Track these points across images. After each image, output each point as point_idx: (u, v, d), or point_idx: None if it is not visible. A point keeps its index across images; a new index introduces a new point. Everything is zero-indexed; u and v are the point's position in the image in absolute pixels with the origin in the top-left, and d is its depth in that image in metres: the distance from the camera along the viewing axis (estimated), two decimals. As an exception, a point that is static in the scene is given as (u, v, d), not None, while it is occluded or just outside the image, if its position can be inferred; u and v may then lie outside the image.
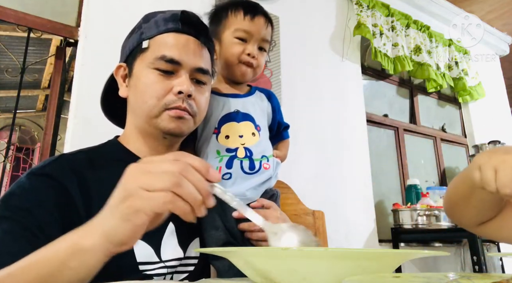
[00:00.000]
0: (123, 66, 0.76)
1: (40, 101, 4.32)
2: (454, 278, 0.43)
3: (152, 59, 0.70)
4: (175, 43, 0.71)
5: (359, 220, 2.24)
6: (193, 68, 0.72)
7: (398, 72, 2.61)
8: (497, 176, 0.55)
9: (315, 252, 0.40)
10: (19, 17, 1.55)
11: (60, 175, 0.64)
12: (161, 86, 0.70)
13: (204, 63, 0.74)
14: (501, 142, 2.91)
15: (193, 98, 0.72)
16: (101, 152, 0.75)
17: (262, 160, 0.83)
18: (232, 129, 0.82)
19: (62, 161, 0.68)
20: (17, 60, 1.97)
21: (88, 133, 1.41)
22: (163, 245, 0.69)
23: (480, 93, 3.23)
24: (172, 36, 0.72)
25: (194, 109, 0.72)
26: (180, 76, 0.71)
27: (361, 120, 2.47)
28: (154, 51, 0.71)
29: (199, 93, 0.74)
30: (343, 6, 2.59)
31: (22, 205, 0.59)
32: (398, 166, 2.79)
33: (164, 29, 0.72)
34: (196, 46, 0.73)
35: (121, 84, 0.76)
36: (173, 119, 0.70)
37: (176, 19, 0.72)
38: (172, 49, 0.70)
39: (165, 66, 0.70)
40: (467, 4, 3.23)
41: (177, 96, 0.70)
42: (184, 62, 0.70)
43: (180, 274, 0.72)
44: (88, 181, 0.65)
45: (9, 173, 4.38)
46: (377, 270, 0.40)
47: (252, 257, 0.43)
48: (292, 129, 1.04)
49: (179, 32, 0.72)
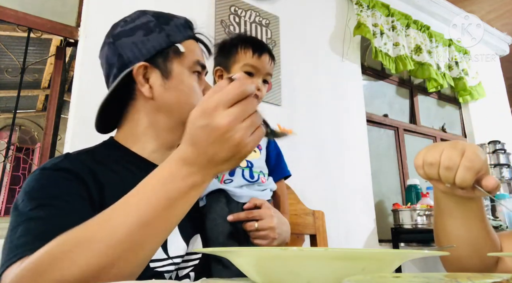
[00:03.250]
0: (147, 66, 0.73)
1: (40, 101, 4.32)
2: (454, 278, 0.43)
3: (192, 63, 0.75)
4: (197, 49, 0.78)
5: (359, 220, 2.24)
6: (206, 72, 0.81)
7: (399, 71, 2.61)
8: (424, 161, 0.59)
9: (315, 252, 0.40)
10: (19, 17, 1.55)
11: (75, 168, 0.63)
12: (200, 90, 0.77)
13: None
14: (501, 142, 2.91)
15: None
16: (100, 152, 0.73)
17: (260, 174, 0.90)
18: None
19: (73, 157, 0.68)
20: (17, 60, 1.97)
21: (88, 133, 1.41)
22: (169, 242, 0.69)
23: (480, 93, 3.23)
24: (193, 43, 0.78)
25: None
26: (203, 79, 0.79)
27: (361, 120, 2.47)
28: (188, 55, 0.75)
29: None
30: (343, 6, 2.59)
31: (50, 193, 0.58)
32: (398, 166, 2.80)
33: (187, 35, 0.77)
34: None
35: (142, 84, 0.73)
36: None
37: (191, 27, 0.79)
38: (199, 56, 0.78)
39: (199, 70, 0.77)
40: (467, 4, 3.23)
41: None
42: (205, 67, 0.79)
43: (184, 269, 0.72)
44: (100, 178, 0.65)
45: (9, 173, 4.38)
46: (377, 270, 0.40)
47: (252, 257, 0.43)
48: (292, 129, 1.04)
49: (194, 39, 0.79)
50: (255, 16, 2.10)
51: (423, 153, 0.60)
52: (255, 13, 2.10)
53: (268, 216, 0.82)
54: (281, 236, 0.84)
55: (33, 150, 4.79)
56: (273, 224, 0.82)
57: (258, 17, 2.11)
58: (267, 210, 0.83)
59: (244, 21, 2.05)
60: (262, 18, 2.12)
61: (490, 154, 2.87)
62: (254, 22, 2.09)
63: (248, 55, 0.97)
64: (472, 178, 0.55)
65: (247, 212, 0.81)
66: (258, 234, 0.80)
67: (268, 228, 0.81)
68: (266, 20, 2.14)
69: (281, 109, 2.06)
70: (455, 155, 0.56)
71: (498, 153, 2.85)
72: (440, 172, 0.57)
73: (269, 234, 0.81)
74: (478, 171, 0.55)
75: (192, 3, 1.89)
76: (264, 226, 0.81)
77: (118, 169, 0.70)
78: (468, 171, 0.55)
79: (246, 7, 2.08)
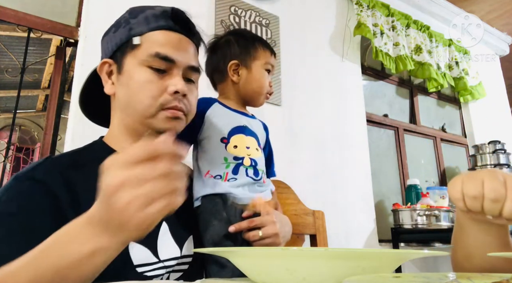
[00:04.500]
0: (109, 62, 0.73)
1: (40, 101, 4.32)
2: (454, 278, 0.43)
3: (145, 56, 0.68)
4: (168, 41, 0.70)
5: (359, 220, 2.24)
6: (186, 66, 0.71)
7: (400, 71, 2.61)
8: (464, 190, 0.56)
9: (315, 252, 0.40)
10: (19, 17, 1.55)
11: (47, 178, 0.62)
12: (156, 86, 0.68)
13: (195, 61, 0.74)
14: (501, 142, 2.91)
15: (187, 97, 0.71)
16: (86, 154, 0.73)
17: (263, 173, 0.88)
18: (240, 140, 0.86)
19: (48, 163, 0.66)
20: (17, 60, 1.97)
21: (88, 133, 1.41)
22: (160, 245, 0.68)
23: (480, 93, 3.23)
24: (164, 33, 0.70)
25: (188, 108, 0.72)
26: (173, 74, 0.69)
27: (361, 120, 2.47)
28: (146, 48, 0.68)
29: (191, 92, 0.73)
30: (343, 6, 2.59)
31: (7, 210, 0.58)
32: (398, 166, 2.80)
33: (155, 26, 0.70)
34: (188, 44, 0.72)
35: (106, 81, 0.73)
36: (169, 119, 0.69)
37: (167, 16, 0.71)
38: (165, 47, 0.69)
39: (158, 64, 0.68)
40: (467, 4, 3.23)
41: (173, 96, 0.69)
42: (178, 60, 0.70)
43: (176, 273, 0.72)
44: (75, 183, 0.64)
45: (9, 173, 4.38)
46: (377, 270, 0.40)
47: (252, 257, 0.43)
48: (292, 129, 1.05)
49: (170, 30, 0.71)
50: (255, 16, 2.10)
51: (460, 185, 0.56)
52: (255, 13, 2.10)
53: (271, 223, 0.79)
54: (284, 238, 0.83)
55: (33, 150, 4.78)
56: (277, 230, 0.79)
57: (258, 17, 2.11)
58: (269, 217, 0.80)
59: (244, 21, 2.05)
60: (262, 18, 2.12)
61: (490, 154, 2.87)
62: (254, 22, 2.09)
63: (268, 53, 0.95)
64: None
65: (248, 221, 0.78)
66: (263, 243, 0.78)
67: (273, 235, 0.78)
68: (266, 20, 2.14)
69: (281, 109, 2.06)
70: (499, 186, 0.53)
71: (498, 153, 2.85)
72: (485, 205, 0.54)
73: (274, 241, 0.79)
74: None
75: (192, 3, 1.89)
76: (268, 233, 0.78)
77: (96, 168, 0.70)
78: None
79: (246, 7, 2.08)
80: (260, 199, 0.82)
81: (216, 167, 0.82)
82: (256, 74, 0.93)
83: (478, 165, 2.90)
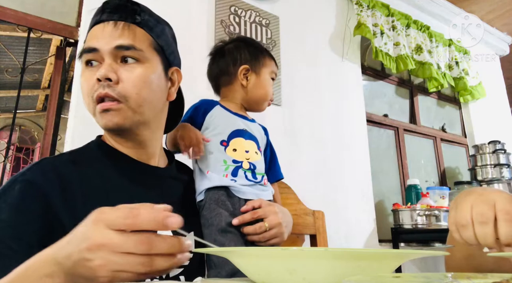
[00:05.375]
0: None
1: (40, 101, 4.32)
2: (454, 278, 0.43)
3: (81, 54, 0.69)
4: (93, 34, 0.70)
5: (359, 220, 2.24)
6: (111, 49, 0.67)
7: (400, 71, 2.60)
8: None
9: (315, 252, 0.40)
10: (19, 17, 1.55)
11: (41, 181, 0.61)
12: (88, 80, 0.68)
13: (124, 40, 0.68)
14: (501, 142, 2.91)
15: (120, 80, 0.67)
16: (84, 152, 0.74)
17: (263, 176, 0.90)
18: (240, 144, 0.88)
19: (43, 165, 0.65)
20: (17, 60, 1.97)
21: (88, 133, 1.41)
22: None
23: (481, 93, 3.23)
24: (93, 29, 0.71)
25: (121, 92, 0.66)
26: (104, 65, 0.67)
27: (361, 120, 2.47)
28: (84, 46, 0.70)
29: (127, 71, 0.67)
30: (343, 6, 2.59)
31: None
32: (398, 166, 2.80)
33: (91, 24, 0.72)
34: (113, 27, 0.68)
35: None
36: (102, 114, 0.67)
37: (98, 11, 0.71)
38: (90, 40, 0.69)
39: (86, 57, 0.69)
40: (467, 4, 3.23)
41: (98, 84, 0.66)
42: (100, 46, 0.67)
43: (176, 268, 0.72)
44: (71, 182, 0.64)
45: (9, 173, 4.38)
46: (377, 270, 0.40)
47: (252, 257, 0.43)
48: (292, 129, 1.05)
49: (99, 23, 0.70)
50: (255, 16, 2.10)
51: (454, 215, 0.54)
52: (255, 13, 2.10)
53: (273, 213, 0.81)
54: (287, 228, 0.85)
55: (33, 150, 4.79)
56: (280, 220, 0.81)
57: (258, 17, 2.11)
58: (270, 207, 0.82)
59: (244, 21, 2.05)
60: (262, 18, 2.12)
61: (490, 154, 2.87)
62: (254, 22, 2.09)
63: (273, 63, 1.00)
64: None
65: (251, 212, 0.80)
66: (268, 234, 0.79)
67: (276, 224, 0.80)
68: (266, 20, 2.14)
69: (281, 109, 2.06)
70: (487, 209, 0.50)
71: (498, 153, 2.85)
72: (476, 231, 0.51)
73: (279, 231, 0.81)
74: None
75: (192, 3, 1.89)
76: (272, 223, 0.80)
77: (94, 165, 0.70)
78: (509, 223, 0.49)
79: (246, 7, 2.08)
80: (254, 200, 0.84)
81: (215, 169, 0.84)
82: (264, 80, 0.96)
83: (478, 165, 2.90)
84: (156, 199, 0.72)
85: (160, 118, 0.77)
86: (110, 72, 0.66)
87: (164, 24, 0.78)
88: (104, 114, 0.67)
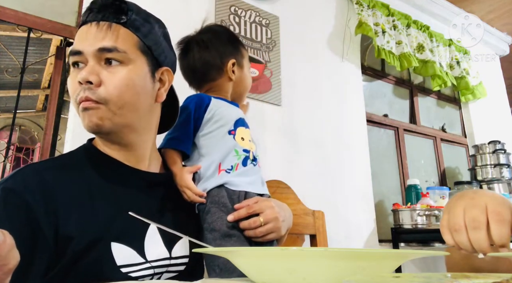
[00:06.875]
0: None
1: (40, 101, 4.32)
2: (454, 278, 0.43)
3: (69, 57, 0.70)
4: (79, 35, 0.69)
5: (359, 220, 2.24)
6: (95, 51, 0.66)
7: (404, 68, 2.59)
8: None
9: (315, 252, 0.40)
10: (19, 17, 1.55)
11: (22, 189, 0.61)
12: (73, 82, 0.68)
13: (107, 41, 0.67)
14: (501, 142, 2.91)
15: (102, 83, 0.66)
16: (72, 157, 0.73)
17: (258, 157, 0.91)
18: (244, 133, 0.88)
19: (26, 172, 0.65)
20: (17, 60, 1.97)
21: (88, 133, 1.41)
22: (147, 245, 0.68)
23: (482, 92, 3.22)
24: (80, 30, 0.70)
25: (101, 94, 0.66)
26: (87, 67, 0.67)
27: (361, 120, 2.47)
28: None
29: (110, 74, 0.67)
30: (343, 6, 2.59)
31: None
32: (398, 166, 2.79)
33: (79, 25, 0.71)
34: (97, 29, 0.67)
35: None
36: (83, 114, 0.67)
37: (86, 11, 0.70)
38: (76, 42, 0.69)
39: (72, 59, 0.69)
40: (467, 4, 3.23)
41: (80, 87, 0.66)
42: (84, 48, 0.67)
43: (169, 273, 0.71)
44: (54, 189, 0.63)
45: (9, 173, 4.37)
46: (377, 270, 0.40)
47: (252, 257, 0.43)
48: (292, 129, 1.05)
49: (86, 23, 0.69)
50: (255, 16, 2.10)
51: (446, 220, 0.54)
52: (255, 13, 2.10)
53: (269, 207, 0.79)
54: (285, 223, 0.82)
55: (33, 150, 4.79)
56: (276, 214, 0.79)
57: (258, 17, 2.11)
58: (266, 202, 0.80)
59: (244, 21, 2.05)
60: (262, 18, 2.12)
61: (490, 154, 2.87)
62: (254, 22, 2.09)
63: (246, 51, 0.98)
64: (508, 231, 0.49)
65: (247, 207, 0.77)
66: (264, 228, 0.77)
67: (273, 219, 0.78)
68: (266, 20, 2.14)
69: (281, 109, 2.06)
70: (479, 213, 0.50)
71: (498, 153, 2.85)
72: (470, 236, 0.51)
73: (275, 225, 0.78)
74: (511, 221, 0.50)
75: (192, 3, 1.89)
76: (268, 218, 0.77)
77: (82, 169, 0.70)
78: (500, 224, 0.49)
79: (246, 7, 2.08)
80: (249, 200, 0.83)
81: (228, 159, 0.82)
82: (247, 72, 0.96)
83: (478, 165, 2.90)
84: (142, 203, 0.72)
85: (148, 121, 0.75)
86: (91, 74, 0.65)
87: (154, 22, 0.75)
88: (84, 114, 0.67)
